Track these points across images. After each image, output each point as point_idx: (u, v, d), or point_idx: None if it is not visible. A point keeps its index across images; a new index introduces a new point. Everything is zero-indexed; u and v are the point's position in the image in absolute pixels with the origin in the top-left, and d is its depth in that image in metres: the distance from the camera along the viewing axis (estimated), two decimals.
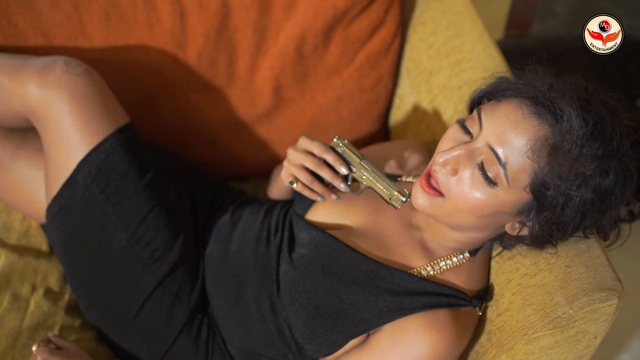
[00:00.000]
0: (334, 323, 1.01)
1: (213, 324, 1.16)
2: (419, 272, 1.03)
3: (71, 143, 1.12)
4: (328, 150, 1.03)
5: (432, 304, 0.99)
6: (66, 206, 1.13)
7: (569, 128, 0.86)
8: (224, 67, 1.40)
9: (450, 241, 1.03)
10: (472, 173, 0.91)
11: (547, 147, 0.86)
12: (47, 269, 1.27)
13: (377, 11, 1.41)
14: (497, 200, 0.90)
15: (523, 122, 0.88)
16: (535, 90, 0.90)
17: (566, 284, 0.94)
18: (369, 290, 1.01)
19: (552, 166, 0.86)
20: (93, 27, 1.31)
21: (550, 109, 0.87)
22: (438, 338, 0.96)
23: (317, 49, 1.42)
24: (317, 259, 1.05)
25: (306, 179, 1.03)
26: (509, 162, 0.88)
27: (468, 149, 0.91)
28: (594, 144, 0.86)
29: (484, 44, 1.29)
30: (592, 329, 0.94)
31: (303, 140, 1.04)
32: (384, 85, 1.49)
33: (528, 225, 0.94)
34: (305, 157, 1.03)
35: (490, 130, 0.90)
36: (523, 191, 0.89)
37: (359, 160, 1.03)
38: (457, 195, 0.92)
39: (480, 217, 0.94)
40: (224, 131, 1.47)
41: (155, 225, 1.14)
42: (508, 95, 0.93)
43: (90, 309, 1.18)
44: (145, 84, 1.38)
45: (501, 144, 0.89)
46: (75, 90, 1.12)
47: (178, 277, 1.15)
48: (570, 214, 0.89)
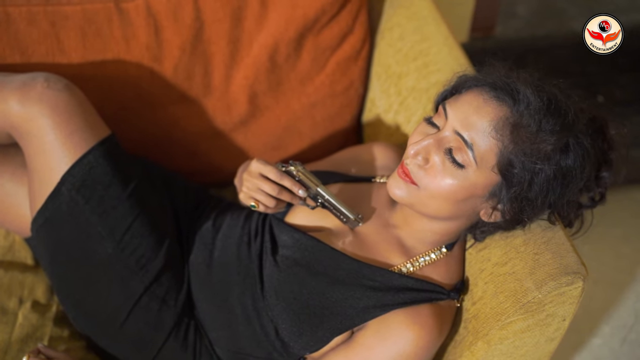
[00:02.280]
0: (320, 321, 1.04)
1: (200, 327, 1.18)
2: (399, 269, 1.07)
3: (55, 156, 1.14)
4: (284, 176, 1.05)
5: (413, 299, 1.03)
6: (51, 218, 1.15)
7: (526, 105, 0.93)
8: (199, 78, 1.44)
9: (429, 234, 1.07)
10: (442, 160, 0.96)
11: (508, 125, 0.93)
12: (34, 282, 1.29)
13: (346, 19, 1.46)
14: (468, 182, 0.96)
15: (484, 106, 0.95)
16: (493, 77, 0.98)
17: (535, 271, 0.98)
18: (352, 288, 1.04)
19: (515, 143, 0.93)
20: (70, 43, 1.33)
21: (507, 91, 0.95)
22: (421, 333, 1.00)
23: (290, 57, 1.46)
24: (301, 260, 1.08)
25: (269, 202, 1.07)
26: (475, 143, 0.94)
27: (436, 138, 0.97)
28: (551, 119, 0.93)
29: (450, 47, 1.34)
30: (560, 311, 0.99)
31: (257, 165, 1.06)
32: (355, 90, 1.54)
33: (500, 209, 0.99)
34: (264, 183, 1.05)
35: (455, 117, 0.97)
36: (492, 172, 0.95)
37: (316, 185, 1.07)
38: (430, 183, 0.97)
39: (455, 203, 0.98)
40: (202, 140, 1.50)
41: (140, 233, 1.16)
42: (469, 86, 1.00)
43: (78, 318, 1.19)
44: (123, 97, 1.41)
45: (466, 127, 0.95)
46: (57, 105, 1.14)
47: (164, 282, 1.17)
48: (536, 189, 0.95)
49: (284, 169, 1.06)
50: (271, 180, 1.05)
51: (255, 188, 1.06)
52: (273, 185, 1.05)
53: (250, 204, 1.07)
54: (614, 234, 1.90)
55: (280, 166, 1.06)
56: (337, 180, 1.21)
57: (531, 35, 2.21)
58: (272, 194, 1.05)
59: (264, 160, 1.07)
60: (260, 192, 1.06)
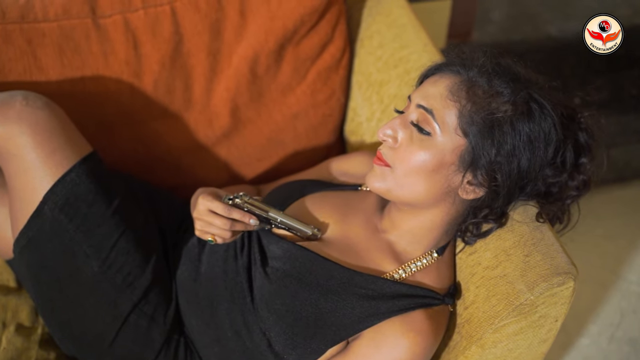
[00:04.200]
0: (314, 332, 1.03)
1: (190, 343, 1.17)
2: (391, 275, 1.06)
3: (36, 175, 1.12)
4: (232, 210, 1.06)
5: (407, 306, 1.02)
6: (34, 238, 1.13)
7: (478, 66, 1.00)
8: (180, 92, 1.43)
9: (417, 231, 1.07)
10: (410, 134, 1.01)
11: (463, 87, 0.99)
12: (17, 305, 1.26)
13: (325, 29, 1.46)
14: (436, 150, 0.99)
15: (440, 79, 1.02)
16: (449, 59, 1.07)
17: (526, 272, 0.99)
18: (345, 298, 1.04)
19: (473, 102, 0.98)
20: (48, 61, 1.31)
21: (458, 62, 1.03)
22: (417, 340, 1.00)
23: (270, 68, 1.45)
24: (292, 271, 1.07)
25: (224, 235, 1.07)
26: (434, 108, 0.99)
27: (402, 117, 1.03)
28: (503, 75, 1.00)
29: (430, 53, 1.35)
30: (553, 312, 0.99)
31: (203, 202, 1.06)
32: (336, 99, 1.54)
33: (474, 182, 1.00)
34: (214, 219, 1.05)
35: (416, 95, 1.03)
36: (456, 134, 0.98)
37: (265, 211, 1.08)
38: (401, 159, 1.01)
39: (428, 176, 1.00)
40: (185, 155, 1.49)
41: (126, 250, 1.15)
42: (427, 75, 1.08)
43: (65, 339, 1.17)
44: (104, 113, 1.39)
45: (425, 98, 1.01)
46: (37, 124, 1.12)
47: (152, 299, 1.16)
48: (504, 151, 0.98)
49: (231, 202, 1.07)
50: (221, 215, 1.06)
51: (208, 225, 1.07)
52: (224, 220, 1.05)
53: (208, 239, 1.08)
54: (597, 233, 1.92)
55: (227, 199, 1.07)
56: (323, 190, 1.20)
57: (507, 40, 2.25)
58: (224, 228, 1.06)
59: (209, 194, 1.08)
60: (214, 227, 1.07)
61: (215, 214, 1.05)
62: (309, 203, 1.17)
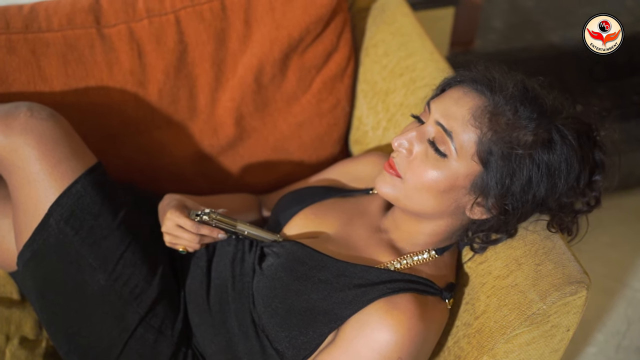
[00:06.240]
0: (308, 323, 1.02)
1: (198, 355, 1.16)
2: (386, 266, 1.06)
3: (41, 187, 1.11)
4: (200, 226, 1.09)
5: (397, 289, 1.00)
6: (39, 251, 1.12)
7: (503, 94, 0.96)
8: (185, 101, 1.42)
9: (418, 235, 1.07)
10: (425, 150, 0.99)
11: (486, 113, 0.95)
12: (21, 318, 1.25)
13: (330, 37, 1.46)
14: (449, 172, 0.97)
15: (464, 97, 0.98)
16: (472, 73, 1.02)
17: (538, 282, 0.98)
18: (338, 288, 1.02)
19: (494, 131, 0.95)
20: (52, 71, 1.31)
21: (485, 82, 0.98)
22: (400, 319, 0.95)
23: (275, 77, 1.45)
24: (285, 264, 1.07)
25: (194, 247, 1.12)
26: (454, 131, 0.96)
27: (420, 131, 1.00)
28: (528, 106, 0.96)
29: (436, 62, 1.35)
30: (565, 322, 0.98)
31: (172, 218, 1.10)
32: (341, 108, 1.54)
33: (484, 205, 0.98)
34: (183, 233, 1.10)
35: (436, 110, 1.00)
36: (472, 161, 0.96)
37: (232, 225, 1.12)
38: (414, 174, 0.99)
39: (438, 195, 0.99)
40: (190, 165, 1.48)
41: (133, 262, 1.14)
42: (452, 84, 1.04)
43: (71, 353, 1.16)
44: (108, 123, 1.38)
45: (446, 117, 0.98)
46: (42, 135, 1.11)
47: (160, 312, 1.14)
48: (519, 183, 0.96)
49: (199, 218, 1.10)
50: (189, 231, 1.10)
51: (177, 238, 1.11)
52: (192, 235, 1.10)
53: (180, 250, 1.13)
54: (601, 241, 1.92)
55: (194, 215, 1.11)
56: (334, 196, 1.20)
57: (509, 48, 2.25)
58: (193, 243, 1.11)
59: (177, 209, 1.11)
60: (183, 240, 1.11)
61: (184, 229, 1.09)
62: (318, 210, 1.17)
